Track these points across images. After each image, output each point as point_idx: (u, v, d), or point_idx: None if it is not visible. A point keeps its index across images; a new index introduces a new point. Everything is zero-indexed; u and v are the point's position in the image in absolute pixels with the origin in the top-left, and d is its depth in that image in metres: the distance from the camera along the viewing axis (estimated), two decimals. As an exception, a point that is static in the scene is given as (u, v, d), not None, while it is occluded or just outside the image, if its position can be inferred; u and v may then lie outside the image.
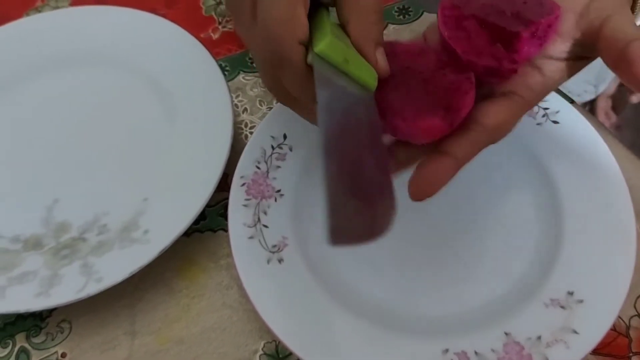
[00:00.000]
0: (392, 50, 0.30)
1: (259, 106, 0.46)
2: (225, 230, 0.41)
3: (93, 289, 0.36)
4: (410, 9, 0.51)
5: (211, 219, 0.41)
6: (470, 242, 0.39)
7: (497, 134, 0.28)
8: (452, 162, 0.28)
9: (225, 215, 0.41)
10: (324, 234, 0.21)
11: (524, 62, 0.28)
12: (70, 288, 0.36)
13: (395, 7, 0.51)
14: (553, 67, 0.29)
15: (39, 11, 0.53)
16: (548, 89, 0.29)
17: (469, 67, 0.28)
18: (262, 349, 0.36)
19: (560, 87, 0.43)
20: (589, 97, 0.90)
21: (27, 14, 0.52)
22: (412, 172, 0.28)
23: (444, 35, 0.29)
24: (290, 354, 0.36)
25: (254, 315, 0.37)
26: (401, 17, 0.51)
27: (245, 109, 0.46)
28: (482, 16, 0.28)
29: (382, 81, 0.29)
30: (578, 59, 0.29)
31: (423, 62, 0.29)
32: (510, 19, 0.28)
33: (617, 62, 0.26)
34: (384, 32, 0.34)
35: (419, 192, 0.28)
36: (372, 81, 0.28)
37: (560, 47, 0.29)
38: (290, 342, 0.34)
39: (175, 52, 0.46)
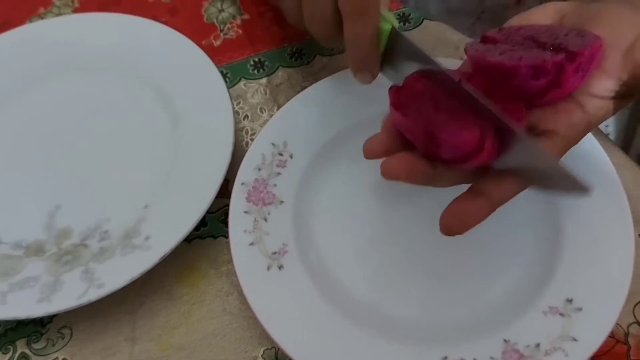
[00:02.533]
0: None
1: (259, 113, 0.47)
2: (226, 236, 0.41)
3: (94, 294, 0.36)
4: (410, 17, 0.51)
5: (212, 226, 0.42)
6: (469, 250, 0.39)
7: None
8: (487, 203, 0.28)
9: (226, 222, 0.41)
10: None
11: (568, 93, 0.28)
12: (71, 294, 0.36)
13: (395, 15, 0.52)
14: (596, 105, 0.28)
15: (42, 18, 0.53)
16: (590, 127, 0.29)
17: (515, 74, 0.28)
18: (262, 356, 0.37)
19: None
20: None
21: (30, 21, 0.52)
22: (447, 206, 0.29)
23: (491, 61, 0.29)
24: (290, 360, 0.36)
25: (254, 321, 0.37)
26: (402, 24, 0.51)
27: (246, 116, 0.47)
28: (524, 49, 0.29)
29: (431, 100, 0.29)
30: (623, 97, 0.29)
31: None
32: (551, 51, 0.28)
33: None
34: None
35: (449, 228, 0.29)
36: None
37: (604, 84, 0.28)
38: (290, 349, 0.34)
39: (177, 59, 0.46)
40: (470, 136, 0.26)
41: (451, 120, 0.27)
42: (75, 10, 0.54)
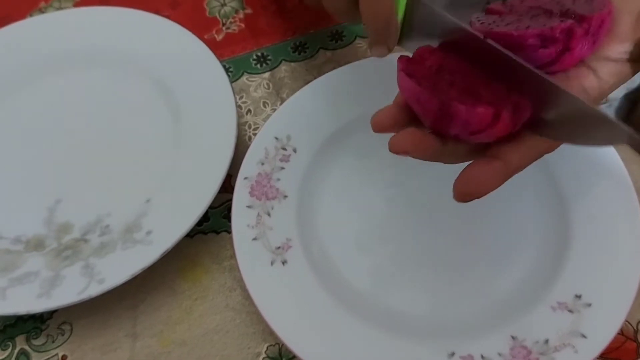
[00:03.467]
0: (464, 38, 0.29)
1: (262, 107, 0.46)
2: (229, 231, 0.40)
3: (95, 290, 0.35)
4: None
5: (214, 221, 0.41)
6: (476, 246, 0.38)
7: (553, 143, 0.27)
8: (504, 167, 0.27)
9: (228, 217, 0.40)
10: None
11: (579, 58, 0.27)
12: (72, 289, 0.35)
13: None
14: (610, 69, 0.28)
15: (43, 12, 0.52)
16: (603, 93, 0.28)
17: (523, 45, 0.27)
18: (265, 352, 0.36)
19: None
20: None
21: (31, 15, 0.52)
22: (461, 172, 0.27)
23: (498, 31, 0.28)
24: (294, 357, 0.36)
25: (257, 317, 0.37)
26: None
27: (249, 110, 0.46)
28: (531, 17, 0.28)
29: (446, 72, 0.28)
30: (636, 60, 0.28)
31: (486, 59, 0.28)
32: (560, 18, 0.28)
33: None
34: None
35: (464, 193, 0.27)
36: None
37: (618, 47, 0.28)
38: (294, 345, 0.33)
39: (179, 53, 0.46)
40: (486, 110, 0.25)
41: (467, 93, 0.26)
42: (77, 5, 0.53)
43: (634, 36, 0.28)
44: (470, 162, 0.28)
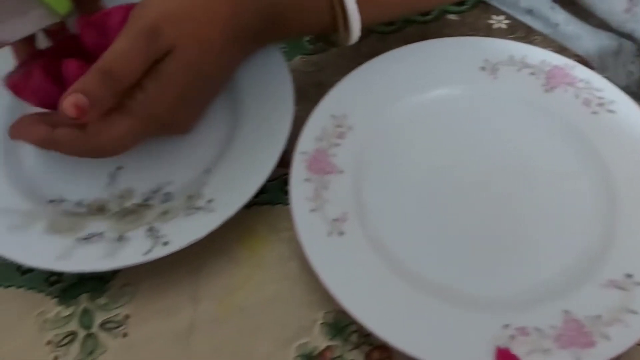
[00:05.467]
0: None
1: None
2: (284, 204, 0.41)
3: (160, 252, 0.36)
4: None
5: (271, 193, 0.42)
6: (528, 224, 0.39)
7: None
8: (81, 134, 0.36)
9: (284, 190, 0.41)
10: None
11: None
12: (137, 250, 0.37)
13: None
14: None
15: None
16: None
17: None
18: (322, 319, 0.37)
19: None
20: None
21: None
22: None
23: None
24: (349, 323, 0.37)
25: (314, 286, 0.38)
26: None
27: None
28: None
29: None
30: None
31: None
32: None
33: None
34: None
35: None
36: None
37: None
38: (352, 309, 0.34)
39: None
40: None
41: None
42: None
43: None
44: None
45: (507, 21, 0.51)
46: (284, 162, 0.41)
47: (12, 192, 0.40)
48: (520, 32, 0.50)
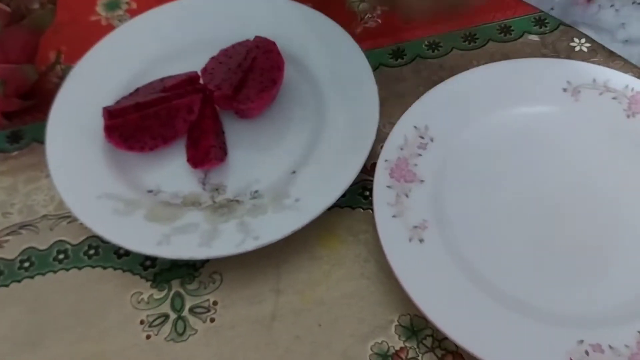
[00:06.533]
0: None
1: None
2: (364, 208, 0.44)
3: (251, 245, 0.39)
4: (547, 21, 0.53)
5: (350, 197, 0.44)
6: (608, 247, 0.40)
7: None
8: None
9: (363, 195, 0.44)
10: None
11: None
12: (229, 242, 0.39)
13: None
14: None
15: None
16: None
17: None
18: (398, 320, 0.39)
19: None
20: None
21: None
22: None
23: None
24: (425, 327, 0.38)
25: (391, 287, 0.40)
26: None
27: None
28: None
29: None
30: None
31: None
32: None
33: None
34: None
35: None
36: None
37: None
38: (430, 313, 0.36)
39: (324, 42, 0.49)
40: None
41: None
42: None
43: None
44: None
45: (587, 44, 0.52)
46: (364, 168, 0.43)
47: (116, 179, 0.44)
48: (601, 55, 0.51)
